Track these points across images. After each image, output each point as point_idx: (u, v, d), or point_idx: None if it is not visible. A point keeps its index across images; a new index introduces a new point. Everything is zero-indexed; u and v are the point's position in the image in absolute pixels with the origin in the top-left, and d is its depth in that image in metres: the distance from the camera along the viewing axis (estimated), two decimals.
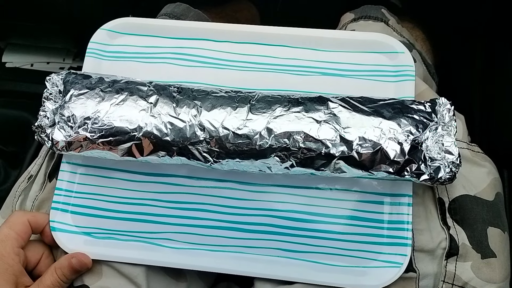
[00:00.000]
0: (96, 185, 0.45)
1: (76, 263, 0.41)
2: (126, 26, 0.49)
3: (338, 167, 0.40)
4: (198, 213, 0.44)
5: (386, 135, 0.39)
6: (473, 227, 0.42)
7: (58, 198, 0.45)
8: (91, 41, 0.49)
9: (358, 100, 0.42)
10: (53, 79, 0.44)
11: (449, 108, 0.41)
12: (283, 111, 0.41)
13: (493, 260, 0.41)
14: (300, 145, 0.39)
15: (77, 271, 0.42)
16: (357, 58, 0.47)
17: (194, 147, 0.40)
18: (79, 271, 0.42)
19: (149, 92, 0.42)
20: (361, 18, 0.52)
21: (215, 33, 0.49)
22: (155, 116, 0.41)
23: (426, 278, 0.41)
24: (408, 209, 0.42)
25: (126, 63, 0.48)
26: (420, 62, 0.51)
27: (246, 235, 0.44)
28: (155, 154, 0.41)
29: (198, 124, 0.40)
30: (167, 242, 0.44)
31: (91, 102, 0.42)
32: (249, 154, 0.40)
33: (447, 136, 0.40)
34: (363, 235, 0.43)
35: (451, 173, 0.39)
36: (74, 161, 0.46)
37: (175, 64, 0.48)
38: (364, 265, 0.42)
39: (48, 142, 0.42)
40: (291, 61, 0.47)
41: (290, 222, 0.44)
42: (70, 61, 0.85)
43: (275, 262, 0.43)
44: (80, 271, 0.42)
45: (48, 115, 0.43)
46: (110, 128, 0.41)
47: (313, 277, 0.42)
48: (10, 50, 0.86)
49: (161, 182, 0.45)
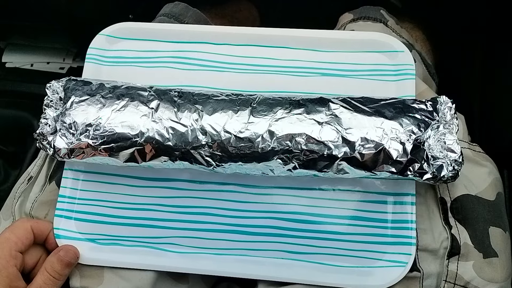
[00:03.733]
0: (99, 191, 0.45)
1: (64, 255, 0.41)
2: (125, 31, 0.49)
3: (341, 168, 0.40)
4: (202, 217, 0.44)
5: (388, 135, 0.39)
6: (475, 226, 0.42)
7: (61, 205, 0.45)
8: (90, 46, 0.49)
9: (359, 101, 0.42)
10: (53, 86, 0.44)
11: (450, 106, 0.41)
12: (285, 113, 0.41)
13: (495, 260, 0.41)
14: (302, 147, 0.39)
15: (68, 264, 0.41)
16: (357, 58, 0.47)
17: (196, 152, 0.40)
18: (70, 263, 0.42)
19: (150, 97, 0.42)
20: (360, 18, 0.51)
21: (215, 36, 0.48)
22: (157, 121, 0.41)
23: (429, 278, 0.41)
24: (412, 208, 0.42)
25: (126, 68, 0.48)
26: (420, 62, 0.51)
27: (250, 237, 0.44)
28: (158, 159, 0.41)
29: (199, 128, 0.40)
30: (172, 247, 0.44)
31: (92, 108, 0.42)
32: (251, 157, 0.40)
33: (449, 134, 0.40)
34: (367, 235, 0.43)
35: (454, 171, 0.39)
36: (77, 167, 0.46)
37: (175, 68, 0.48)
38: (369, 265, 0.42)
39: (50, 149, 0.42)
40: (291, 62, 0.47)
41: (293, 224, 0.44)
42: (70, 61, 0.85)
43: (279, 264, 0.43)
44: (70, 263, 0.42)
45: (50, 123, 0.43)
46: (112, 135, 0.41)
47: (318, 278, 0.42)
48: (10, 50, 0.85)
49: (164, 187, 0.45)
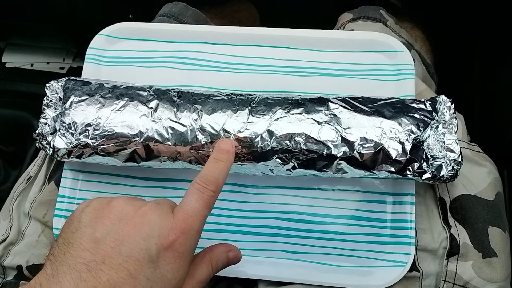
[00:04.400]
0: (99, 191, 0.45)
1: (233, 257, 0.37)
2: (124, 31, 0.49)
3: (340, 167, 0.40)
4: None
5: (388, 134, 0.39)
6: (474, 226, 0.42)
7: (61, 205, 0.45)
8: (90, 46, 0.49)
9: (358, 100, 0.42)
10: (53, 86, 0.44)
11: (449, 106, 0.41)
12: (284, 113, 0.41)
13: (494, 260, 0.41)
14: (301, 146, 0.39)
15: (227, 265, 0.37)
16: (357, 57, 0.47)
17: (195, 151, 0.40)
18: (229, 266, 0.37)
19: (149, 97, 0.42)
20: (360, 18, 0.52)
21: (214, 36, 0.49)
22: (156, 121, 0.41)
23: (428, 278, 0.41)
24: (411, 208, 0.42)
25: (125, 68, 0.48)
26: (419, 62, 0.51)
27: (250, 237, 0.44)
28: (157, 159, 0.41)
29: (199, 128, 0.40)
30: None
31: (91, 108, 0.42)
32: (250, 157, 0.40)
33: (448, 134, 0.40)
34: (367, 234, 0.43)
35: (453, 171, 0.39)
36: (76, 167, 0.46)
37: (174, 68, 0.48)
38: (369, 265, 0.42)
39: (50, 149, 0.42)
40: (291, 62, 0.47)
41: (293, 224, 0.44)
42: (70, 61, 0.85)
43: (279, 264, 0.43)
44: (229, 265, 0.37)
45: (49, 123, 0.43)
46: (111, 134, 0.41)
47: (318, 278, 0.42)
48: (10, 50, 0.86)
49: (163, 187, 0.45)
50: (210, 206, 0.33)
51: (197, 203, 0.33)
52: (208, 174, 0.34)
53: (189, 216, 0.32)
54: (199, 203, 0.33)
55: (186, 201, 0.33)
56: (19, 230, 0.46)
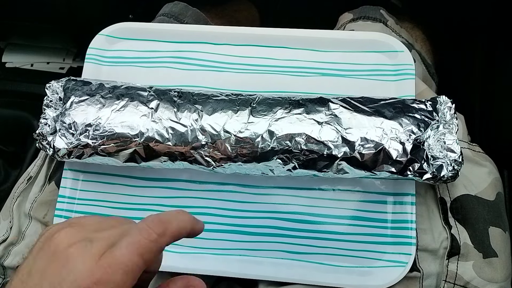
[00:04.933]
0: (99, 191, 0.45)
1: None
2: (124, 31, 0.49)
3: (340, 168, 0.40)
4: (201, 217, 0.43)
5: (388, 135, 0.39)
6: (475, 226, 0.42)
7: (61, 205, 0.45)
8: (90, 46, 0.49)
9: (359, 101, 0.42)
10: (53, 86, 0.44)
11: (450, 106, 0.41)
12: (284, 113, 0.41)
13: (494, 260, 0.41)
14: (302, 147, 0.39)
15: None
16: (357, 58, 0.47)
17: (196, 152, 0.40)
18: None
19: (149, 97, 0.42)
20: (360, 18, 0.52)
21: (214, 36, 0.48)
22: (156, 122, 0.41)
23: (429, 278, 0.41)
24: (412, 208, 0.42)
25: (125, 68, 0.48)
26: (420, 62, 0.51)
27: (250, 237, 0.44)
28: (157, 159, 0.41)
29: (199, 128, 0.40)
30: (171, 247, 0.44)
31: (92, 108, 0.42)
32: (251, 157, 0.40)
33: (449, 134, 0.40)
34: (367, 235, 0.43)
35: (453, 171, 0.39)
36: (76, 168, 0.46)
37: (174, 68, 0.48)
38: (369, 265, 0.42)
39: (50, 149, 0.42)
40: (291, 62, 0.47)
41: (293, 224, 0.44)
42: (70, 61, 0.85)
43: (279, 264, 0.43)
44: None
45: (49, 123, 0.43)
46: (111, 135, 0.41)
47: (318, 278, 0.42)
48: (10, 50, 0.85)
49: (163, 187, 0.45)
50: (145, 254, 0.26)
51: (127, 248, 0.25)
52: (161, 214, 0.28)
53: (112, 264, 0.25)
54: (129, 249, 0.25)
55: (120, 243, 0.26)
56: (19, 231, 0.46)
